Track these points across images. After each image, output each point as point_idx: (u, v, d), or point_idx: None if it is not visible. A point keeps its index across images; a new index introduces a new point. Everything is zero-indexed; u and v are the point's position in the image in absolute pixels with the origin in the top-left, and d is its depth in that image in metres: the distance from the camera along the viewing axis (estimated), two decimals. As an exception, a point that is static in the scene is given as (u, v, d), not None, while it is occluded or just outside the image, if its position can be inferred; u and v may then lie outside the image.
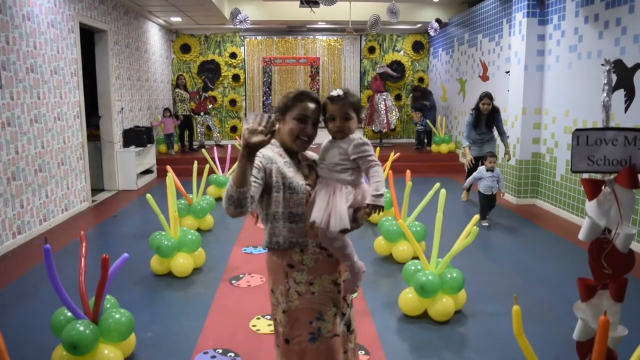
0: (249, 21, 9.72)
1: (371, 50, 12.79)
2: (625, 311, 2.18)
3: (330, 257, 2.07)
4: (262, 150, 1.96)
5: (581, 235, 2.14)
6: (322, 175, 2.06)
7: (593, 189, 2.09)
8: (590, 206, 2.09)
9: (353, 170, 2.04)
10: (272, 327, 3.50)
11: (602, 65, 2.12)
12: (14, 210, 5.48)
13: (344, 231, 1.97)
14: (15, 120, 5.52)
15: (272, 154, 2.01)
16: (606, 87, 2.11)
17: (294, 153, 2.09)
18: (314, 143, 2.09)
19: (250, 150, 1.75)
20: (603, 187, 2.07)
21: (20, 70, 5.63)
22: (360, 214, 2.02)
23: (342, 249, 2.03)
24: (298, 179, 2.00)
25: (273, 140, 2.08)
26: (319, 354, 2.04)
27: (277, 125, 2.06)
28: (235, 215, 1.83)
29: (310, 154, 2.20)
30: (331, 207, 1.95)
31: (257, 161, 1.94)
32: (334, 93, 2.06)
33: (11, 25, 5.45)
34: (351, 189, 2.02)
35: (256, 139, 1.72)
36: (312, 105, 2.03)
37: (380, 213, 2.15)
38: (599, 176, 2.10)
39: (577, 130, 2.07)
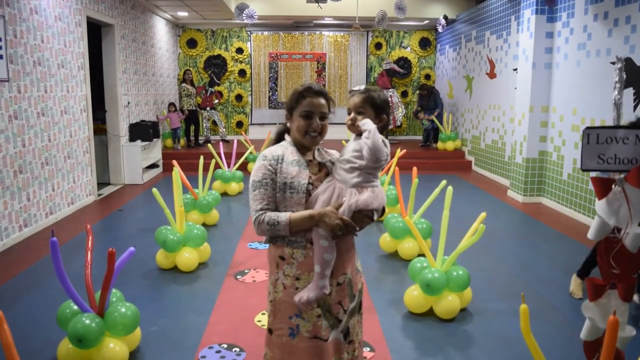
0: (256, 16, 9.70)
1: (378, 46, 12.74)
2: (633, 311, 2.17)
3: None
4: (273, 150, 2.04)
5: (590, 234, 2.13)
6: (332, 174, 2.04)
7: (603, 187, 2.07)
8: (600, 205, 2.08)
9: (361, 172, 1.97)
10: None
11: (613, 63, 2.11)
12: (21, 203, 5.50)
13: (338, 235, 1.91)
14: (22, 113, 5.53)
15: (281, 152, 2.02)
16: (617, 85, 2.10)
17: (307, 150, 2.07)
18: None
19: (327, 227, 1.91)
20: (613, 186, 2.06)
21: (28, 64, 5.64)
22: (360, 217, 1.95)
23: (323, 250, 1.93)
24: (300, 178, 1.97)
25: (288, 137, 2.09)
26: (299, 351, 2.01)
27: (288, 124, 2.08)
28: (262, 235, 2.02)
29: (332, 152, 2.16)
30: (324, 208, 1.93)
31: (267, 163, 1.98)
32: (356, 87, 2.08)
33: (19, 18, 5.46)
34: (354, 191, 1.95)
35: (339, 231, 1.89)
36: (317, 100, 2.00)
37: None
38: (609, 175, 2.09)
39: (587, 128, 2.06)
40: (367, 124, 1.98)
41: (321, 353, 2.02)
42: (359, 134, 2.02)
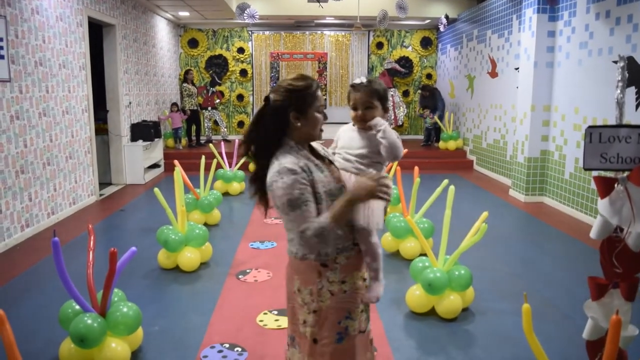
0: (257, 16, 9.70)
1: (379, 45, 12.73)
2: (636, 311, 2.16)
3: (360, 252, 2.01)
4: (294, 161, 1.84)
5: (593, 234, 2.12)
6: (346, 169, 2.00)
7: (605, 186, 2.06)
8: (603, 204, 2.07)
9: (379, 165, 2.01)
10: (279, 323, 3.51)
11: (615, 62, 2.10)
12: (23, 203, 5.51)
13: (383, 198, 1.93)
14: (24, 113, 5.53)
15: (305, 161, 1.87)
16: (620, 84, 2.09)
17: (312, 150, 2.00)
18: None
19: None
20: (616, 185, 2.05)
21: (29, 64, 5.64)
22: (386, 206, 2.01)
23: (376, 246, 2.01)
24: (334, 182, 1.91)
25: (291, 142, 1.90)
26: (348, 351, 1.97)
27: (298, 124, 1.88)
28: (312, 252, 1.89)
29: (317, 145, 2.08)
30: (368, 205, 1.88)
31: (300, 177, 1.80)
32: (357, 81, 2.01)
33: (20, 18, 5.46)
34: None
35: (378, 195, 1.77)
36: (321, 93, 1.97)
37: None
38: (611, 174, 2.08)
39: (590, 127, 2.05)
40: (380, 123, 1.97)
41: (365, 345, 2.03)
42: (364, 128, 2.02)
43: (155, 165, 9.49)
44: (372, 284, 2.03)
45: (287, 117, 1.87)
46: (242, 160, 8.03)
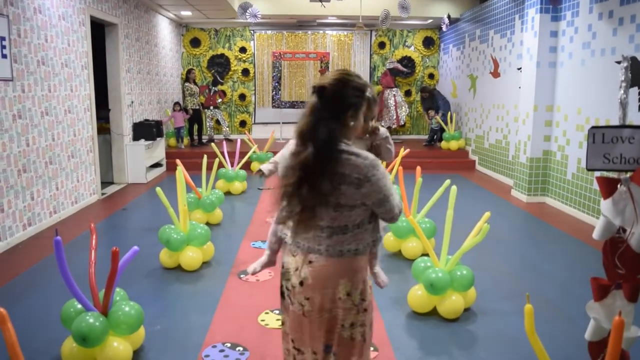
0: (259, 15, 9.70)
1: (381, 45, 12.73)
2: (638, 312, 2.16)
3: None
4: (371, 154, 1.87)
5: (595, 234, 2.12)
6: None
7: (608, 187, 2.06)
8: (605, 205, 2.07)
9: None
10: (280, 322, 3.50)
11: (618, 62, 2.11)
12: (25, 202, 5.52)
13: None
14: (26, 112, 5.54)
15: None
16: (623, 84, 2.09)
17: None
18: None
19: None
20: (618, 186, 2.05)
21: (32, 63, 5.65)
22: None
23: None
24: None
25: (347, 142, 1.88)
26: (371, 341, 2.05)
27: (352, 123, 1.85)
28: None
29: None
30: None
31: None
32: (372, 94, 2.00)
33: (22, 18, 5.47)
34: None
35: None
36: None
37: None
38: (614, 174, 2.08)
39: (593, 127, 2.05)
40: (385, 131, 2.24)
41: None
42: (362, 136, 2.23)
43: (157, 165, 9.49)
44: (379, 270, 2.24)
45: (344, 114, 1.80)
46: (244, 160, 8.03)
